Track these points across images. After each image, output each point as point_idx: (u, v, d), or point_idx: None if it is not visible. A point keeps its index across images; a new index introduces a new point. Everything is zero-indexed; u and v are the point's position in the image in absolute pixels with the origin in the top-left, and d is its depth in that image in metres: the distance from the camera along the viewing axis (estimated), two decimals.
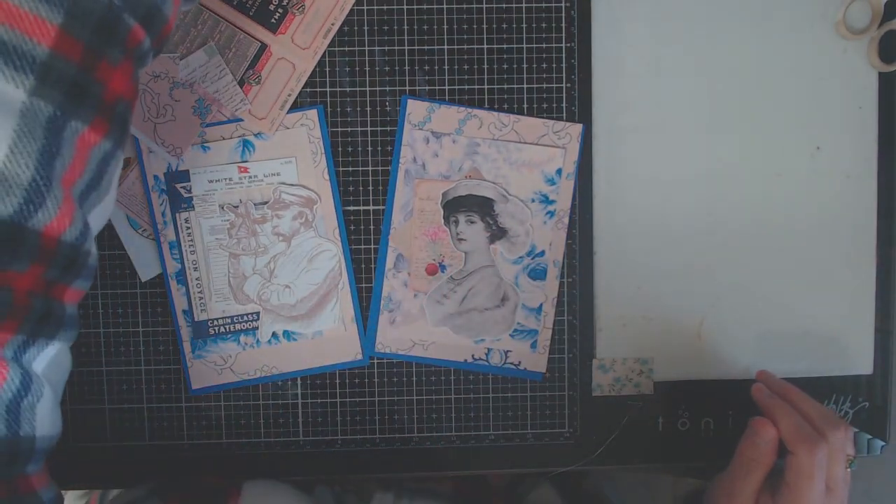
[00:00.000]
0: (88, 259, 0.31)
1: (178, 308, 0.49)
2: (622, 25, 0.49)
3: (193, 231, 0.48)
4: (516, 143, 0.47)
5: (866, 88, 0.50)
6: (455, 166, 0.48)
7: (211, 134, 0.48)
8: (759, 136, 0.50)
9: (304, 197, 0.48)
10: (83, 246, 0.30)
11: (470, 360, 0.49)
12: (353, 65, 0.48)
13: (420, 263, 0.48)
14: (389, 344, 0.49)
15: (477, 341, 0.49)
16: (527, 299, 0.49)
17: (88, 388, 0.49)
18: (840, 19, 0.49)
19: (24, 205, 0.26)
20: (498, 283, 0.49)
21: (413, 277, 0.48)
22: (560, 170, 0.48)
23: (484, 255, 0.49)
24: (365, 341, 0.49)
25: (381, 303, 0.48)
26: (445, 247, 0.48)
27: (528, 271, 0.49)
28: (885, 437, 0.52)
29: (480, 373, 0.50)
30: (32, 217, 0.27)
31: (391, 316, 0.49)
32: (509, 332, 0.49)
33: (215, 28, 0.47)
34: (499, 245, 0.49)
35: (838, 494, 0.42)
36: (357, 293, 0.49)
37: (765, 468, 0.43)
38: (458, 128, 0.47)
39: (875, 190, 0.51)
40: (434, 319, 0.49)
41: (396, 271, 0.48)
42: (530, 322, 0.49)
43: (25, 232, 0.27)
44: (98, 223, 0.32)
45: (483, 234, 0.48)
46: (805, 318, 0.51)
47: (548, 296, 0.49)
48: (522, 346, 0.49)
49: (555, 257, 0.49)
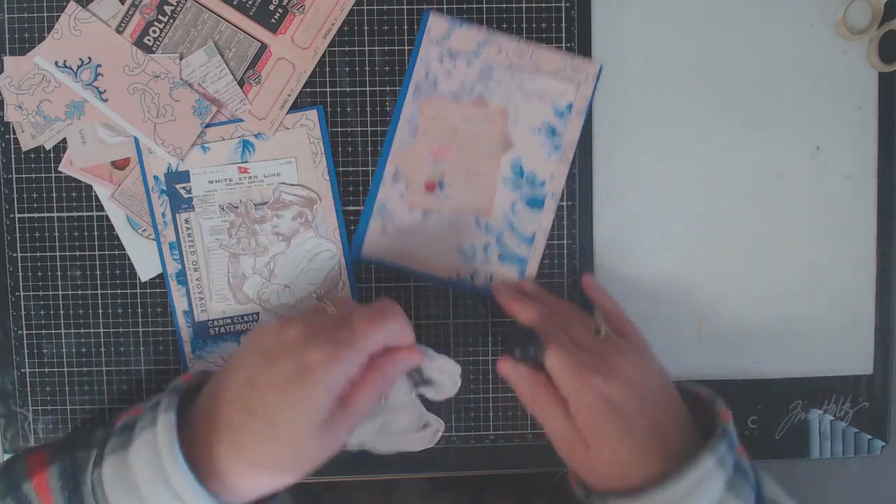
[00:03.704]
0: None
1: (179, 308, 0.49)
2: (622, 25, 0.49)
3: (193, 231, 0.48)
4: (531, 73, 0.47)
5: (866, 88, 0.50)
6: (466, 87, 0.48)
7: (211, 134, 0.48)
8: (759, 136, 0.50)
9: (304, 197, 0.48)
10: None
11: (455, 279, 0.49)
12: (353, 65, 0.48)
13: (419, 179, 0.48)
14: (378, 252, 0.48)
15: (464, 261, 0.48)
16: (521, 226, 0.49)
17: (88, 388, 0.49)
18: (840, 19, 0.49)
19: None
20: (419, 415, 0.47)
21: (410, 191, 0.48)
22: (571, 105, 0.48)
23: (405, 396, 0.46)
24: (352, 247, 0.48)
25: (374, 208, 0.47)
26: (447, 165, 0.47)
27: (527, 200, 0.48)
28: (885, 437, 0.52)
29: (480, 372, 0.50)
30: None
31: (383, 225, 0.48)
32: (429, 446, 0.47)
33: (215, 28, 0.47)
34: (423, 390, 0.46)
35: (597, 345, 0.41)
36: (357, 293, 0.49)
37: (541, 388, 0.41)
38: (476, 49, 0.47)
39: (875, 190, 0.51)
40: (351, 443, 0.45)
41: (394, 182, 0.48)
42: (522, 250, 0.49)
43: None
44: None
45: (406, 384, 0.45)
46: (805, 318, 0.51)
47: (542, 226, 0.49)
48: (510, 273, 0.49)
49: (554, 189, 0.48)
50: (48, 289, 0.49)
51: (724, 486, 0.38)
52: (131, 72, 0.47)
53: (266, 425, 0.36)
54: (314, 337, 0.38)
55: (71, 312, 0.49)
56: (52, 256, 0.48)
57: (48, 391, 0.49)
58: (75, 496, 0.36)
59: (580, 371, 0.39)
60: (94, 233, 0.48)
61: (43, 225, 0.48)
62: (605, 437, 0.39)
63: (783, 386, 0.51)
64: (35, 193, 0.48)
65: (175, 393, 0.38)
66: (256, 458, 0.36)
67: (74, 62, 0.46)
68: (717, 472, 0.37)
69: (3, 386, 0.49)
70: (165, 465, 0.35)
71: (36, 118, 0.47)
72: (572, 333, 0.42)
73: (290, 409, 0.36)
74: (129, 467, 0.36)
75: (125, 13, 0.46)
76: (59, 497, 0.36)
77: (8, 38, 0.47)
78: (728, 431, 0.39)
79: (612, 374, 0.39)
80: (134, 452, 0.36)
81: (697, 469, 0.37)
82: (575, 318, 0.45)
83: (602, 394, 0.39)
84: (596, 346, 0.41)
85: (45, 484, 0.37)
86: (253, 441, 0.36)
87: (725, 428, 0.39)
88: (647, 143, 0.50)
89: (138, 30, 0.47)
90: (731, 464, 0.38)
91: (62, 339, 0.49)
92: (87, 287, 0.49)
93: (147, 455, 0.35)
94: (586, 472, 0.41)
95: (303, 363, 0.36)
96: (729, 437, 0.39)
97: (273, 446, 0.36)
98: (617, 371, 0.39)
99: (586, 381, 0.39)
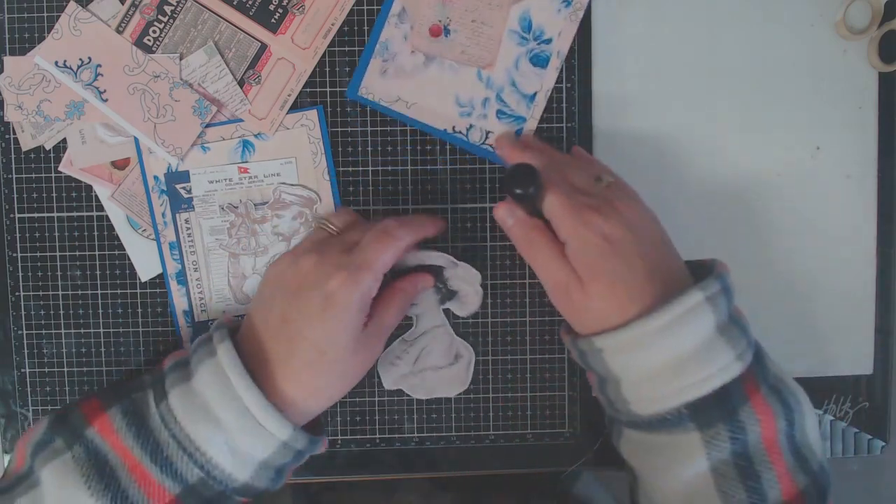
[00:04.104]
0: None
1: (179, 308, 0.49)
2: (622, 25, 0.49)
3: (193, 231, 0.48)
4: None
5: (866, 88, 0.50)
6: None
7: (211, 134, 0.48)
8: (759, 136, 0.50)
9: (305, 197, 0.48)
10: None
11: (450, 131, 0.48)
12: (353, 65, 0.48)
13: (425, 21, 0.47)
14: (374, 91, 0.48)
15: (461, 114, 0.48)
16: (523, 83, 0.48)
17: (88, 387, 0.49)
18: (840, 19, 0.49)
19: None
20: (450, 343, 0.49)
21: (415, 33, 0.47)
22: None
23: (435, 316, 0.49)
24: (349, 85, 0.47)
25: (375, 47, 0.47)
26: (455, 10, 0.46)
27: (531, 56, 0.48)
28: (885, 437, 0.52)
29: (480, 372, 0.50)
30: None
31: (384, 65, 0.47)
32: (463, 388, 0.49)
33: (215, 28, 0.47)
34: (449, 305, 0.49)
35: (597, 191, 0.41)
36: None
37: (537, 230, 0.41)
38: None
39: (875, 190, 0.51)
40: (388, 381, 0.49)
41: (399, 22, 0.47)
42: (521, 108, 0.48)
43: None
44: None
45: (433, 297, 0.49)
46: (805, 318, 0.51)
47: (543, 85, 0.48)
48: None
49: (560, 48, 0.47)
50: (48, 289, 0.49)
51: (713, 327, 0.37)
52: (131, 72, 0.47)
53: (311, 352, 0.40)
54: (329, 265, 0.41)
55: (71, 312, 0.49)
56: (52, 256, 0.48)
57: (48, 391, 0.49)
58: (143, 429, 0.39)
59: (579, 211, 0.39)
60: (94, 233, 0.48)
61: (43, 225, 0.48)
62: (602, 275, 0.39)
63: None
64: (35, 193, 0.48)
65: (221, 328, 0.41)
66: (308, 381, 0.40)
67: (74, 62, 0.46)
68: (706, 309, 0.37)
69: (3, 386, 0.49)
70: (234, 383, 0.38)
71: (36, 118, 0.47)
72: (573, 179, 0.42)
73: (327, 333, 0.40)
74: (197, 394, 0.39)
75: (125, 13, 0.46)
76: (126, 434, 0.39)
77: (8, 38, 0.47)
78: (723, 276, 0.39)
79: (612, 214, 0.39)
80: (199, 379, 0.39)
81: (684, 301, 0.37)
82: (576, 165, 0.44)
83: (602, 232, 0.38)
84: (597, 191, 0.41)
85: (109, 425, 0.39)
86: (301, 366, 0.40)
87: (721, 273, 0.39)
88: (647, 143, 0.50)
89: (138, 30, 0.47)
90: (725, 311, 0.38)
91: (62, 339, 0.49)
92: (87, 287, 0.49)
93: (213, 379, 0.39)
94: (580, 317, 0.40)
95: (326, 292, 0.40)
96: (723, 281, 0.39)
97: (320, 367, 0.40)
98: (618, 212, 0.39)
99: (586, 221, 0.39)
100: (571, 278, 0.40)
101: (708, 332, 0.37)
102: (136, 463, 0.38)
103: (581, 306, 0.40)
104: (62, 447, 0.39)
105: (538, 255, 0.41)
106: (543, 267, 0.41)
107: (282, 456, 0.40)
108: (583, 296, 0.39)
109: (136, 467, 0.38)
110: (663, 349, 0.37)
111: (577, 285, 0.39)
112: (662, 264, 0.40)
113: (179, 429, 0.38)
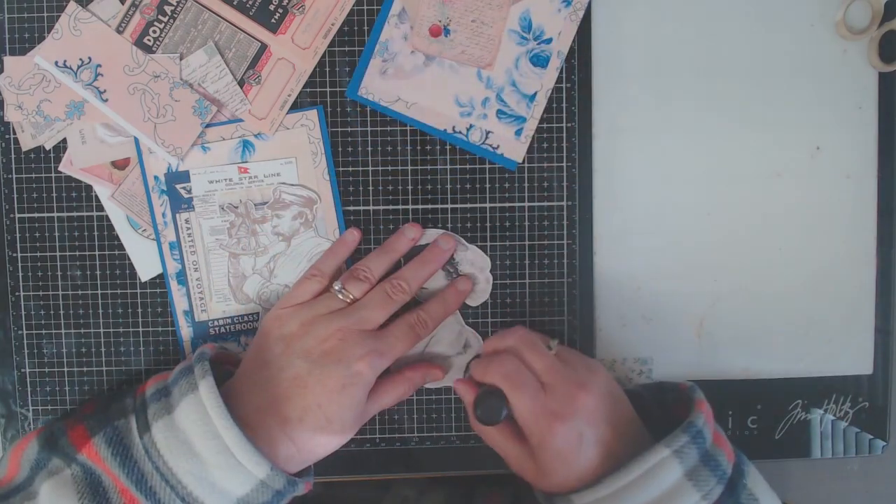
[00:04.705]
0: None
1: (179, 308, 0.49)
2: (622, 25, 0.49)
3: (193, 231, 0.48)
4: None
5: (866, 88, 0.50)
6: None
7: (211, 134, 0.48)
8: (759, 136, 0.50)
9: (304, 197, 0.48)
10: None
11: (450, 131, 0.48)
12: (353, 65, 0.48)
13: (425, 21, 0.47)
14: (374, 91, 0.48)
15: (461, 114, 0.48)
16: (523, 83, 0.48)
17: (88, 388, 0.49)
18: (840, 19, 0.49)
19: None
20: (459, 331, 0.49)
21: (415, 33, 0.47)
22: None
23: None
24: (349, 85, 0.47)
25: (375, 47, 0.47)
26: (455, 9, 0.46)
27: (531, 56, 0.48)
28: (885, 437, 0.52)
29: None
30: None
31: (384, 65, 0.47)
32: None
33: (215, 28, 0.47)
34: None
35: (558, 377, 0.43)
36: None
37: (500, 433, 0.44)
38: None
39: (875, 190, 0.51)
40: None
41: (399, 22, 0.47)
42: (521, 108, 0.48)
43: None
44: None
45: (444, 282, 0.49)
46: (805, 318, 0.51)
47: (543, 85, 0.48)
48: (506, 131, 0.48)
49: (560, 48, 0.48)
50: (48, 289, 0.49)
51: (680, 475, 0.39)
52: (131, 72, 0.47)
53: (322, 420, 0.42)
54: (355, 345, 0.43)
55: (71, 312, 0.49)
56: (52, 256, 0.48)
57: (48, 391, 0.49)
58: (128, 460, 0.40)
59: (546, 418, 0.42)
60: (94, 233, 0.48)
61: (43, 225, 0.48)
62: (559, 468, 0.42)
63: (783, 386, 0.51)
64: (35, 193, 0.48)
65: (203, 359, 0.42)
66: (309, 443, 0.42)
67: (74, 62, 0.46)
68: (671, 462, 0.39)
69: (3, 386, 0.49)
70: (214, 421, 0.39)
71: (36, 118, 0.47)
72: (532, 362, 0.44)
73: (341, 407, 0.43)
74: (179, 428, 0.40)
75: (125, 13, 0.46)
76: (112, 463, 0.40)
77: (8, 38, 0.47)
78: (693, 424, 0.40)
79: (574, 417, 0.41)
80: (181, 414, 0.40)
81: (646, 460, 0.39)
82: (528, 345, 0.45)
83: (563, 438, 0.41)
84: (557, 376, 0.43)
85: (96, 453, 0.40)
86: (309, 430, 0.42)
87: (691, 421, 0.40)
88: (647, 143, 0.50)
89: (138, 30, 0.47)
90: (696, 455, 0.40)
91: (62, 339, 0.49)
92: (87, 287, 0.49)
93: (195, 415, 0.40)
94: (541, 486, 0.43)
95: (352, 371, 0.43)
96: (693, 429, 0.40)
97: (324, 433, 0.43)
98: (578, 410, 0.42)
99: (551, 429, 0.41)
100: (532, 465, 0.43)
101: (673, 480, 0.39)
102: (125, 488, 0.39)
103: (542, 482, 0.43)
104: (61, 465, 0.40)
105: (501, 448, 0.45)
106: (505, 455, 0.45)
107: (260, 494, 0.40)
108: (540, 477, 0.43)
109: (126, 492, 0.39)
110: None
111: (536, 469, 0.43)
112: (622, 437, 0.42)
113: (163, 462, 0.39)
